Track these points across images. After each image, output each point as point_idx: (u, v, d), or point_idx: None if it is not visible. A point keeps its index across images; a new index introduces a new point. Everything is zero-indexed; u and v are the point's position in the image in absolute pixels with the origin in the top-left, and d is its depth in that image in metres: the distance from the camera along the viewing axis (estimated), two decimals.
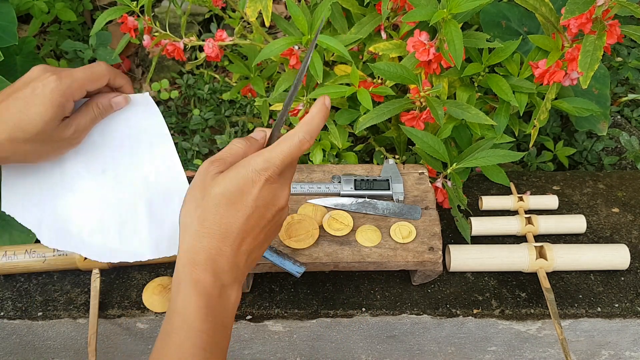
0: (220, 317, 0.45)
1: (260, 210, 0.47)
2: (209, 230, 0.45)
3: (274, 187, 0.48)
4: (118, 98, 0.66)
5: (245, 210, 0.46)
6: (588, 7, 0.66)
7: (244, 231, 0.46)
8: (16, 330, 0.78)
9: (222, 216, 0.46)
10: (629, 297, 0.79)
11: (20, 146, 0.57)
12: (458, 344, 0.84)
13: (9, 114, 0.56)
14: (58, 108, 0.57)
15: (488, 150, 0.78)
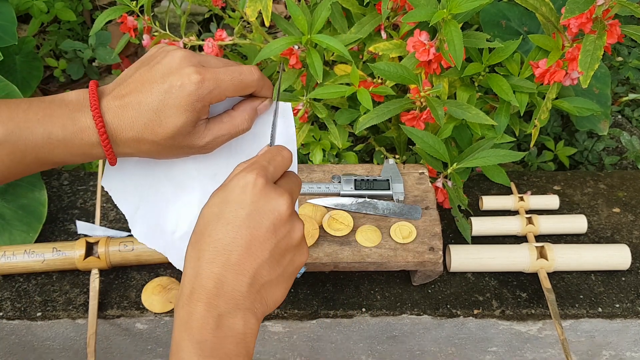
0: (221, 350, 0.41)
1: (254, 218, 0.43)
2: (197, 253, 0.43)
3: (266, 191, 0.44)
4: (264, 105, 0.55)
5: (235, 221, 0.43)
6: (588, 6, 0.66)
7: (239, 246, 0.42)
8: (15, 331, 0.78)
9: (210, 234, 0.43)
10: (630, 297, 0.79)
11: (146, 146, 0.50)
12: (458, 345, 0.84)
13: (140, 111, 0.48)
14: (193, 113, 0.48)
15: (488, 150, 0.78)
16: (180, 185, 0.59)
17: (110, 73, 1.40)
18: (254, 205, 0.43)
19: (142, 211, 0.59)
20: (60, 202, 0.88)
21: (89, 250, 0.76)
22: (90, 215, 0.86)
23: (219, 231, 0.43)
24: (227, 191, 0.45)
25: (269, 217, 0.43)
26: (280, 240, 0.44)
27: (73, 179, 0.92)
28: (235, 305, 0.42)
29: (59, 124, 0.48)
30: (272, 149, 0.50)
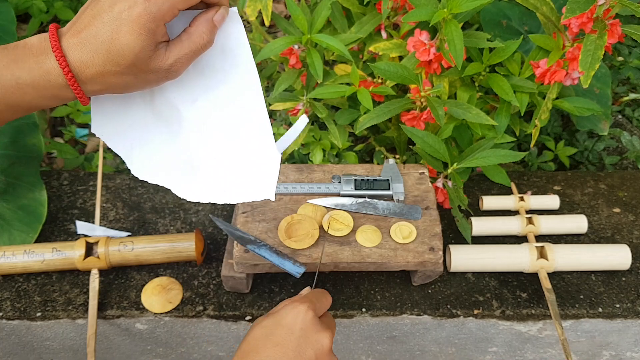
0: None
1: (302, 344, 0.48)
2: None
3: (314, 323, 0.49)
4: (219, 14, 0.54)
5: (284, 343, 0.48)
6: (589, 6, 0.65)
7: None
8: (15, 331, 0.78)
9: (259, 352, 0.48)
10: (630, 297, 0.79)
11: (112, 79, 0.51)
12: (459, 345, 0.84)
13: (97, 43, 0.49)
14: (148, 35, 0.49)
15: (489, 150, 0.77)
16: (165, 117, 0.59)
17: None
18: (303, 333, 0.48)
19: (137, 149, 0.60)
20: (60, 202, 0.88)
21: (89, 250, 0.76)
22: (90, 215, 0.86)
23: (268, 349, 0.47)
24: (279, 316, 0.49)
25: (314, 346, 0.48)
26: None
27: (73, 179, 0.92)
28: None
29: (25, 68, 0.49)
30: (319, 290, 0.55)
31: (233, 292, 0.77)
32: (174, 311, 0.76)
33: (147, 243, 0.77)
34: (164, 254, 0.77)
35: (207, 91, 0.58)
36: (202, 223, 0.86)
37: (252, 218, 0.74)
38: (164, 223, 0.85)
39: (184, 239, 0.77)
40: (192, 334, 0.79)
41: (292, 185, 0.77)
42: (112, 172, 0.97)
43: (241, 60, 0.58)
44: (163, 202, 0.88)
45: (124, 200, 0.88)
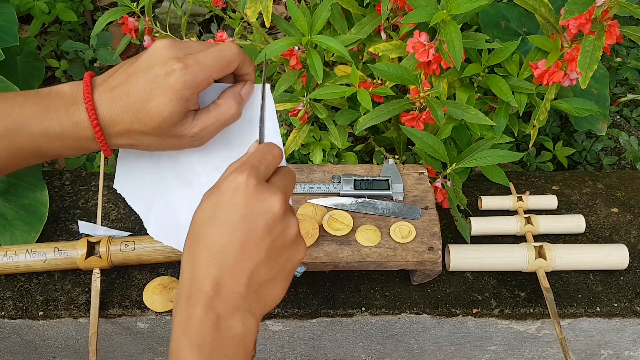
0: (220, 353, 0.41)
1: (248, 220, 0.42)
2: (193, 257, 0.43)
3: (258, 191, 0.43)
4: (247, 87, 0.56)
5: (229, 224, 0.42)
6: (587, 7, 0.66)
7: (234, 248, 0.42)
8: (17, 330, 0.78)
9: (205, 237, 0.43)
10: (628, 296, 0.79)
11: (137, 138, 0.51)
12: (458, 344, 0.85)
13: (129, 102, 0.49)
14: (180, 102, 0.49)
15: (487, 151, 0.78)
16: (186, 180, 0.60)
17: None
18: (247, 207, 0.43)
19: (155, 210, 0.60)
20: (62, 201, 0.88)
21: (91, 249, 0.76)
22: (92, 215, 0.87)
23: (213, 234, 0.42)
24: (219, 194, 0.44)
25: (263, 218, 0.43)
26: (276, 239, 0.43)
27: (75, 179, 0.92)
28: (234, 307, 0.42)
29: (55, 119, 0.49)
30: (262, 146, 0.49)
31: None
32: None
33: (148, 243, 0.77)
34: (165, 254, 0.78)
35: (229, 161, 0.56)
36: None
37: None
38: None
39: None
40: None
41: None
42: (114, 172, 0.98)
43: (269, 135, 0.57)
44: None
45: (125, 200, 0.89)
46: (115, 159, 1.20)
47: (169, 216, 0.60)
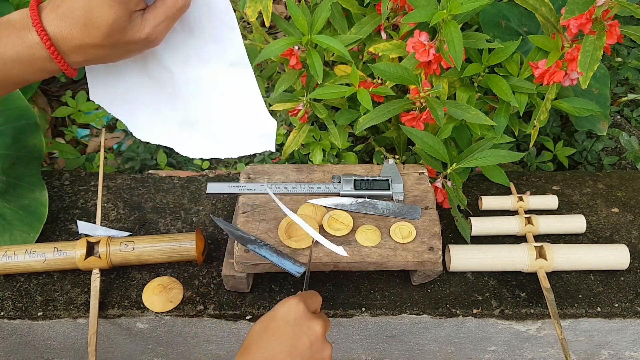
0: None
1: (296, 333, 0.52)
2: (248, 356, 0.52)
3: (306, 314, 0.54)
4: None
5: (280, 333, 0.52)
6: (588, 7, 0.66)
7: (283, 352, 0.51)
8: (16, 330, 0.78)
9: (259, 344, 0.52)
10: (629, 297, 0.79)
11: (92, 52, 0.52)
12: (458, 344, 0.85)
13: (74, 17, 0.50)
14: (120, 5, 0.50)
15: (488, 151, 0.78)
16: (161, 80, 0.60)
17: None
18: (296, 322, 0.52)
19: (137, 113, 0.61)
20: (61, 202, 0.88)
21: (90, 250, 0.76)
22: (92, 215, 0.86)
23: (266, 341, 0.51)
24: (274, 311, 0.53)
25: (308, 333, 0.52)
26: (314, 354, 0.52)
27: (74, 179, 0.92)
28: None
29: (9, 44, 0.51)
30: (309, 291, 0.59)
31: (233, 291, 0.78)
32: (175, 310, 0.76)
33: (148, 243, 0.77)
34: (165, 254, 0.78)
35: (197, 50, 0.59)
36: (202, 223, 0.86)
37: (252, 218, 0.75)
38: (165, 223, 0.86)
39: (185, 239, 0.78)
40: (192, 333, 0.80)
41: (292, 185, 0.78)
42: (113, 172, 0.98)
43: (224, 18, 0.59)
44: (164, 202, 0.89)
45: (125, 200, 0.89)
46: (113, 157, 1.20)
47: (151, 116, 0.61)
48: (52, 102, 1.32)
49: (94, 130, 1.28)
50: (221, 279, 0.78)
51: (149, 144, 1.21)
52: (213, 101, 0.62)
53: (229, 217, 0.86)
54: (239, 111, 0.62)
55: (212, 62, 0.61)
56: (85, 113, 1.24)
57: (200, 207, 0.88)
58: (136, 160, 1.17)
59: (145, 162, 1.18)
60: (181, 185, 0.92)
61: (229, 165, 1.20)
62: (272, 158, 1.16)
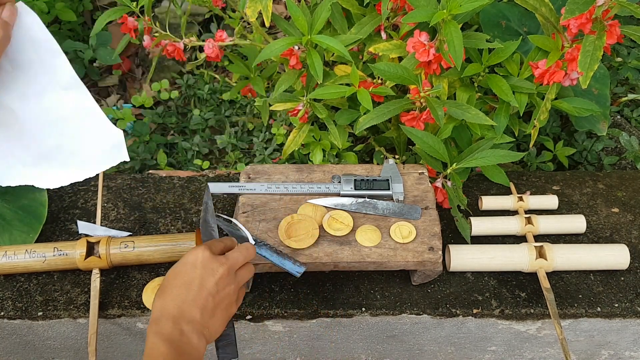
0: (180, 346, 0.55)
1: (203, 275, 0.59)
2: (163, 296, 0.58)
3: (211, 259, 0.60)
4: (7, 11, 0.58)
5: (190, 275, 0.59)
6: (588, 7, 0.66)
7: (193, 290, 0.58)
8: (16, 330, 0.78)
9: (173, 284, 0.59)
10: (629, 297, 0.79)
11: None
12: (458, 344, 0.85)
13: None
14: None
15: (488, 151, 0.78)
16: (3, 120, 0.63)
17: (111, 73, 1.41)
18: (202, 265, 0.59)
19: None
20: (61, 202, 0.88)
21: (90, 249, 0.76)
22: (91, 215, 0.86)
23: (178, 282, 0.58)
24: (184, 259, 0.60)
25: (213, 274, 0.59)
26: (219, 290, 0.59)
27: None
28: (193, 326, 0.56)
29: None
30: (216, 239, 0.65)
31: None
32: None
33: (148, 243, 0.77)
34: (165, 254, 0.78)
35: (30, 84, 0.63)
36: None
37: (252, 218, 0.75)
38: (165, 223, 0.86)
39: (185, 239, 0.78)
40: None
41: (292, 185, 0.78)
42: (113, 172, 0.98)
43: (48, 46, 0.63)
44: (164, 202, 0.89)
45: (125, 200, 0.89)
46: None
47: (5, 159, 0.64)
48: None
49: None
50: None
51: (149, 143, 1.21)
52: (59, 129, 0.66)
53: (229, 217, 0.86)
54: (85, 132, 0.66)
55: (47, 92, 0.65)
56: None
57: (200, 207, 0.88)
58: (136, 160, 1.17)
59: (145, 162, 1.18)
60: (181, 185, 0.92)
61: (229, 165, 1.20)
62: (272, 158, 1.16)
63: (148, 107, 1.31)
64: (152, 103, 1.32)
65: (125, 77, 1.42)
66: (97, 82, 1.39)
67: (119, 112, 1.26)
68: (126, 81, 1.41)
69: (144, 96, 1.31)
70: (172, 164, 1.20)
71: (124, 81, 1.41)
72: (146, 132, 1.23)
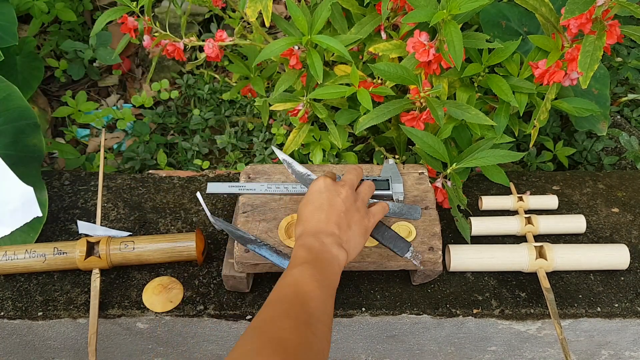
0: (320, 254, 0.60)
1: (329, 197, 0.65)
2: (300, 222, 0.65)
3: (332, 184, 0.67)
4: None
5: (320, 200, 0.65)
6: (588, 7, 0.66)
7: (324, 210, 0.64)
8: (16, 330, 0.78)
9: (306, 209, 0.65)
10: (629, 297, 0.79)
11: None
12: (458, 344, 0.85)
13: None
14: None
15: (488, 151, 0.78)
16: None
17: (111, 73, 1.41)
18: (327, 189, 0.66)
19: None
20: (61, 202, 0.88)
21: (90, 249, 0.76)
22: (92, 215, 0.86)
23: (310, 208, 0.65)
24: (310, 191, 0.67)
25: (338, 194, 0.65)
26: (349, 207, 0.65)
27: (74, 179, 0.92)
28: (333, 239, 0.62)
29: None
30: (331, 171, 0.74)
31: (233, 291, 0.78)
32: (175, 310, 0.76)
33: (148, 243, 0.77)
34: (165, 254, 0.78)
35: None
36: (202, 223, 0.86)
37: (252, 218, 0.75)
38: (165, 223, 0.86)
39: (185, 239, 0.78)
40: (192, 333, 0.80)
41: (292, 185, 0.77)
42: (113, 172, 0.98)
43: None
44: (164, 202, 0.89)
45: (125, 200, 0.89)
46: (113, 157, 1.20)
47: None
48: (52, 102, 1.32)
49: (94, 130, 1.28)
50: (221, 279, 0.78)
51: (149, 143, 1.21)
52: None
53: (229, 217, 0.86)
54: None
55: None
56: (85, 113, 1.24)
57: (200, 207, 0.88)
58: (136, 160, 1.17)
59: (145, 162, 1.18)
60: (181, 185, 0.92)
61: (229, 165, 1.20)
62: (272, 158, 1.16)
63: (148, 107, 1.31)
64: (152, 103, 1.32)
65: (125, 77, 1.42)
66: (97, 82, 1.39)
67: (119, 112, 1.26)
68: (126, 81, 1.41)
69: (144, 96, 1.31)
70: (172, 164, 1.20)
71: (124, 81, 1.41)
72: (146, 132, 1.23)
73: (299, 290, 0.55)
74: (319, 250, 0.60)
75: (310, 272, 0.57)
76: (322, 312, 0.55)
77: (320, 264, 0.58)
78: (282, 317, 0.52)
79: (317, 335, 0.52)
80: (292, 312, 0.53)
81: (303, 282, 0.56)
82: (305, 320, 0.52)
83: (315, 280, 0.56)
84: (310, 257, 0.59)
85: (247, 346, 0.49)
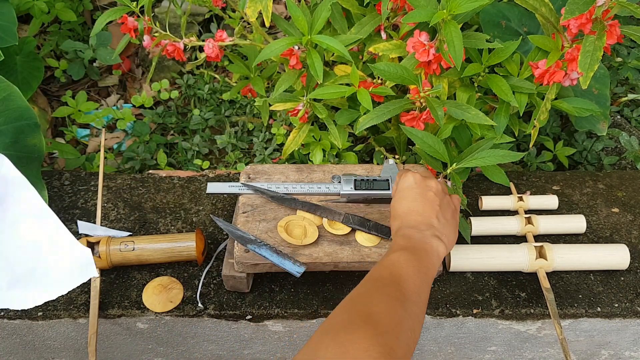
0: (419, 244, 0.61)
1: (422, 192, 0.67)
2: (396, 218, 0.67)
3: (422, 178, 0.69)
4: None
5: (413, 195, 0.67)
6: (588, 7, 0.66)
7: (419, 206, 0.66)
8: (16, 330, 0.78)
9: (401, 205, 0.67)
10: (629, 297, 0.79)
11: None
12: (458, 344, 0.85)
13: None
14: None
15: (488, 151, 0.78)
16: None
17: (111, 73, 1.41)
18: (417, 184, 0.67)
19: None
20: (61, 202, 0.88)
21: (90, 249, 0.76)
22: (91, 215, 0.86)
23: (406, 203, 0.67)
24: (400, 188, 0.69)
25: (429, 188, 0.67)
26: (442, 200, 0.67)
27: (74, 179, 0.92)
28: (432, 231, 0.63)
29: None
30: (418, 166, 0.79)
31: (233, 291, 0.78)
32: (175, 310, 0.76)
33: (148, 243, 0.77)
34: (165, 254, 0.78)
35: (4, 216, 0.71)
36: (202, 223, 0.86)
37: (252, 218, 0.74)
38: (165, 223, 0.86)
39: (185, 239, 0.78)
40: (192, 333, 0.80)
41: (292, 185, 0.78)
42: (113, 172, 0.98)
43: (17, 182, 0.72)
44: (164, 202, 0.89)
45: (125, 200, 0.89)
46: (113, 157, 1.20)
47: None
48: (52, 102, 1.32)
49: (94, 130, 1.28)
50: (221, 279, 0.78)
51: (149, 143, 1.21)
52: (32, 254, 0.72)
53: (229, 217, 0.86)
54: (56, 254, 0.72)
55: (19, 222, 0.72)
56: (85, 113, 1.24)
57: (200, 207, 0.88)
58: (136, 160, 1.17)
59: (145, 162, 1.18)
60: (181, 185, 0.92)
61: (229, 165, 1.20)
62: (272, 158, 1.16)
63: (148, 107, 1.31)
64: (152, 103, 1.32)
65: (125, 77, 1.42)
66: (97, 82, 1.39)
67: (119, 112, 1.26)
68: (126, 81, 1.41)
69: (143, 96, 1.31)
70: (172, 164, 1.20)
71: (124, 81, 1.41)
72: (146, 132, 1.23)
73: (394, 272, 0.56)
74: (419, 239, 0.61)
75: (407, 257, 0.58)
76: (416, 294, 0.55)
77: (418, 252, 0.59)
78: (375, 293, 0.53)
79: (409, 314, 0.52)
80: (385, 290, 0.54)
81: (399, 265, 0.57)
82: (398, 298, 0.53)
83: (412, 266, 0.57)
84: (409, 244, 0.60)
85: (337, 318, 0.50)
